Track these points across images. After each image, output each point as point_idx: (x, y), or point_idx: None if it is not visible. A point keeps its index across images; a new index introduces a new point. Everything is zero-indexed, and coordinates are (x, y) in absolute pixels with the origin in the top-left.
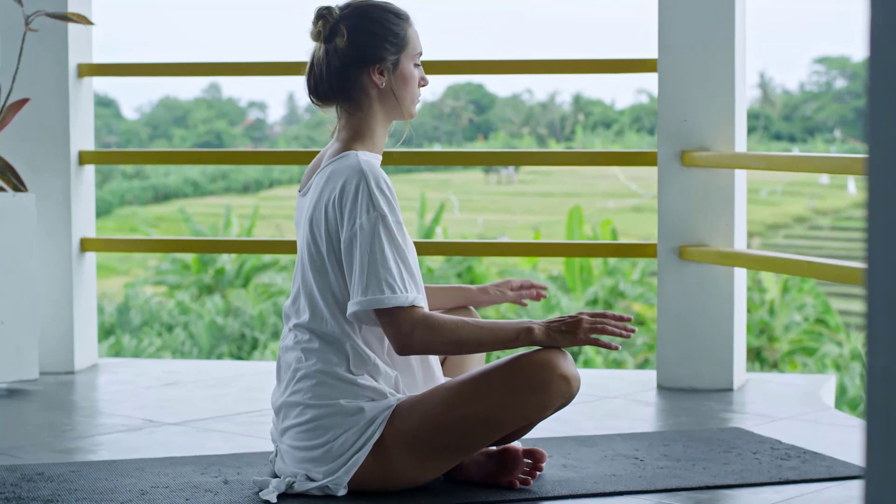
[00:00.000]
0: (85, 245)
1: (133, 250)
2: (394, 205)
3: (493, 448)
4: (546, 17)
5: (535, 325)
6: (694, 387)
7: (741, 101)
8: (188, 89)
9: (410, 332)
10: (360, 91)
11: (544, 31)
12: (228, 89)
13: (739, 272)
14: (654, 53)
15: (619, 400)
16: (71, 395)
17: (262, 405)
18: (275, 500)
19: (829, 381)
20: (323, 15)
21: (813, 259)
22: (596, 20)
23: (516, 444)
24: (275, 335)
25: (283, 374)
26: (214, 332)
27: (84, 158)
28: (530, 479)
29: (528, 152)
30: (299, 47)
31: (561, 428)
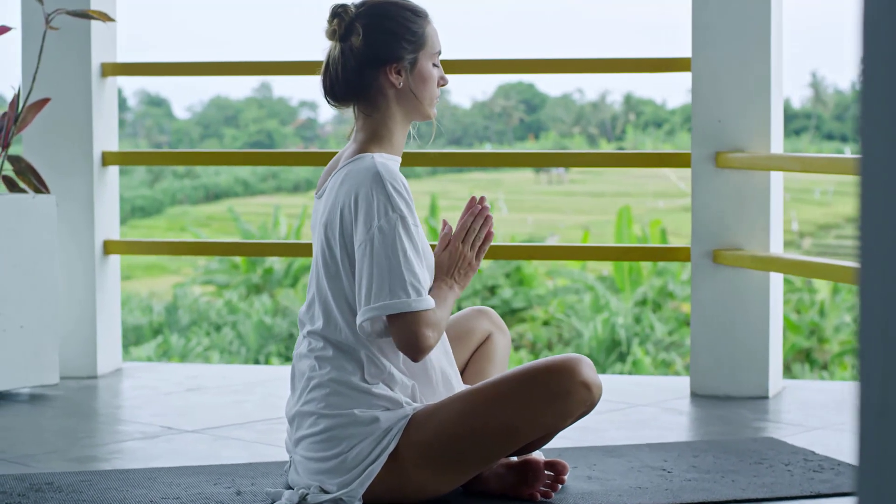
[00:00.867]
0: (108, 247)
1: (156, 253)
2: (412, 207)
3: (513, 459)
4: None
5: (452, 286)
6: (728, 394)
7: (777, 101)
8: (239, 89)
9: (428, 334)
10: (377, 91)
11: (591, 29)
12: (279, 89)
13: (775, 277)
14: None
15: (650, 408)
16: (91, 400)
17: (282, 412)
18: None
19: None
20: (338, 13)
21: (849, 264)
22: (636, 19)
23: (538, 455)
24: None
25: (296, 382)
26: (262, 332)
27: (107, 159)
28: (552, 491)
29: (561, 153)
30: None
31: (588, 437)
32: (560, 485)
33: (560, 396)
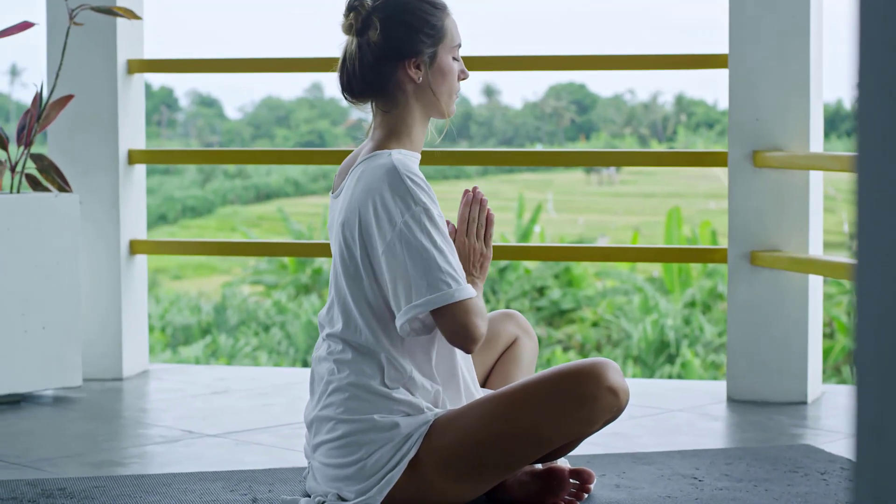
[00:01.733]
0: (134, 247)
1: (182, 253)
2: (433, 198)
3: (538, 466)
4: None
5: (474, 281)
6: (765, 399)
7: (817, 99)
8: (290, 89)
9: (477, 322)
10: (396, 87)
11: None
12: (331, 89)
13: (815, 279)
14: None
15: (684, 413)
16: (114, 403)
17: None
18: None
19: None
20: (355, 6)
21: None
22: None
23: (563, 462)
24: None
25: (315, 386)
26: (311, 333)
27: (134, 157)
28: (577, 500)
29: (593, 152)
30: None
31: (619, 444)
32: (586, 493)
33: (586, 402)
